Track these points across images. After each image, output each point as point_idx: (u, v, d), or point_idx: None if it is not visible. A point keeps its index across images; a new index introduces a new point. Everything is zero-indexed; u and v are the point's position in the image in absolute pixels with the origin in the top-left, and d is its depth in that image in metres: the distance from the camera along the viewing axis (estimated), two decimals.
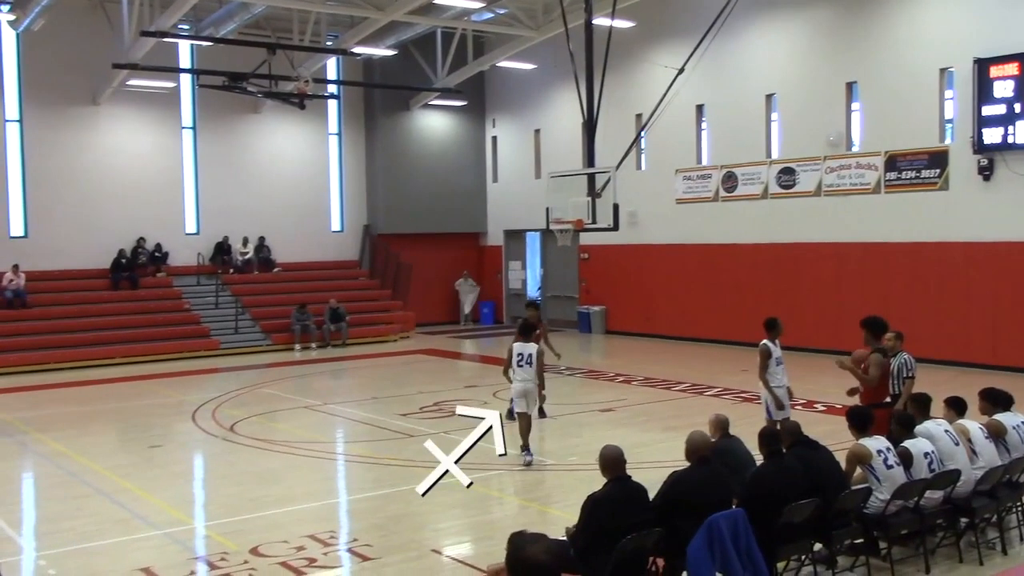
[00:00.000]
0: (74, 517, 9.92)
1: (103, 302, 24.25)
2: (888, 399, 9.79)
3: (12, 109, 24.23)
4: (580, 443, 13.11)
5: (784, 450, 7.36)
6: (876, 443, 7.68)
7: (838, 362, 10.29)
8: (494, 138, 30.58)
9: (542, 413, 13.71)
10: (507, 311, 30.69)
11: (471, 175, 30.53)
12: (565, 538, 6.65)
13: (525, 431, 11.70)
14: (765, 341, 11.19)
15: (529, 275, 30.29)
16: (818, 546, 7.28)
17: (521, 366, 11.82)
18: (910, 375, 9.79)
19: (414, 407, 15.91)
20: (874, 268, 20.24)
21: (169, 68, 24.46)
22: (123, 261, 25.06)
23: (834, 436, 9.68)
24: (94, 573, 8.03)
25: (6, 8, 22.24)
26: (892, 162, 19.87)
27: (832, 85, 20.96)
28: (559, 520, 8.81)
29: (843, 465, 7.70)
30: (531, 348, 11.87)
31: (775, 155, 22.42)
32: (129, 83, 24.06)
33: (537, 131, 28.83)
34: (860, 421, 7.88)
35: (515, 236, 30.32)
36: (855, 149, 20.84)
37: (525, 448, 11.60)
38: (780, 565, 7.11)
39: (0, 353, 21.48)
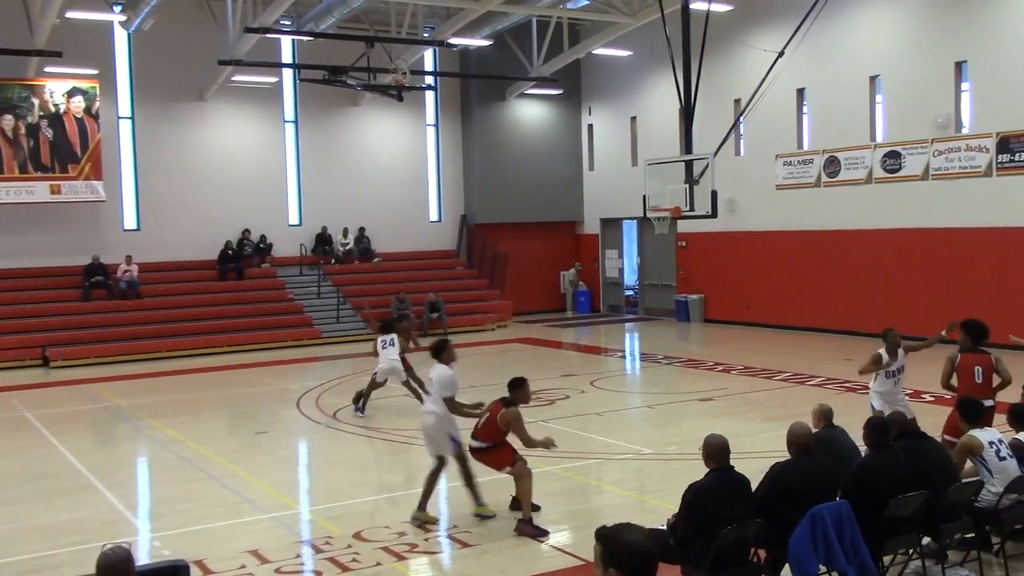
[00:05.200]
0: (186, 500, 10.29)
1: (211, 292, 25.03)
2: (991, 401, 9.33)
3: (125, 106, 25.15)
4: (679, 432, 13.02)
5: (891, 441, 7.18)
6: (987, 435, 7.44)
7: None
8: (590, 126, 30.45)
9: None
10: (604, 300, 30.60)
11: (567, 164, 30.48)
12: (665, 527, 6.63)
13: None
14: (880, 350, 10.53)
15: (626, 264, 30.14)
16: (926, 540, 7.09)
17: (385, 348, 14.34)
18: None
19: None
20: (986, 254, 19.53)
21: (272, 63, 25.03)
22: (229, 252, 25.79)
23: (943, 428, 9.38)
24: (206, 554, 8.31)
25: (118, 9, 23.06)
26: (1004, 144, 19.13)
27: (940, 65, 20.26)
28: (657, 509, 8.78)
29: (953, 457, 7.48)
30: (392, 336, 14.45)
31: (880, 138, 21.80)
32: (234, 79, 24.76)
33: (633, 118, 28.61)
34: (971, 412, 7.64)
35: (612, 224, 30.18)
36: (965, 131, 20.13)
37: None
38: (886, 559, 6.95)
39: (116, 342, 22.38)
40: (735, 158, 24.61)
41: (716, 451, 6.49)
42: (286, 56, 26.59)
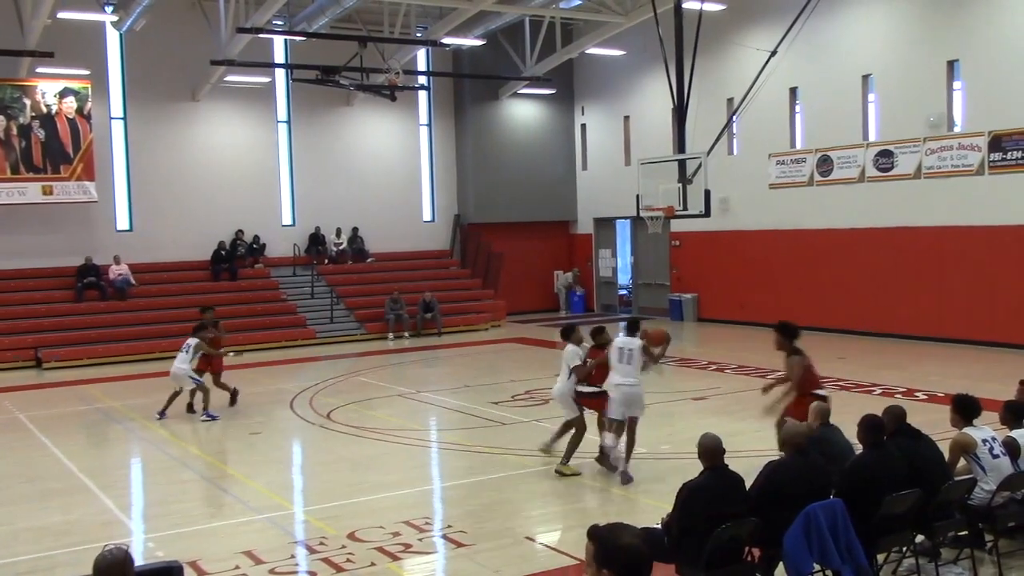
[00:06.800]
0: (180, 501, 10.28)
1: (204, 293, 24.92)
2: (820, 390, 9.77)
3: (117, 107, 25.08)
4: (672, 432, 13.03)
5: (885, 438, 7.18)
6: (981, 432, 7.46)
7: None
8: (583, 126, 30.47)
9: None
10: (598, 299, 30.61)
11: (560, 163, 30.49)
12: (659, 527, 6.63)
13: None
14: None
15: (619, 263, 30.16)
16: (920, 538, 7.11)
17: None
18: None
19: (506, 395, 16.03)
20: (978, 252, 19.59)
21: (264, 64, 24.99)
22: (223, 253, 25.73)
23: (936, 426, 9.39)
24: (200, 555, 8.29)
25: (110, 9, 23.00)
26: (996, 142, 19.19)
27: (932, 64, 20.31)
28: (651, 509, 8.78)
29: (946, 455, 7.49)
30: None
31: (872, 137, 21.85)
32: (226, 79, 24.72)
33: (626, 118, 28.63)
34: (966, 409, 7.65)
35: (605, 224, 30.20)
36: (957, 129, 20.18)
37: None
38: (880, 557, 6.96)
39: (109, 343, 22.32)
40: (728, 157, 24.64)
41: (710, 450, 6.51)
42: (279, 56, 26.55)
